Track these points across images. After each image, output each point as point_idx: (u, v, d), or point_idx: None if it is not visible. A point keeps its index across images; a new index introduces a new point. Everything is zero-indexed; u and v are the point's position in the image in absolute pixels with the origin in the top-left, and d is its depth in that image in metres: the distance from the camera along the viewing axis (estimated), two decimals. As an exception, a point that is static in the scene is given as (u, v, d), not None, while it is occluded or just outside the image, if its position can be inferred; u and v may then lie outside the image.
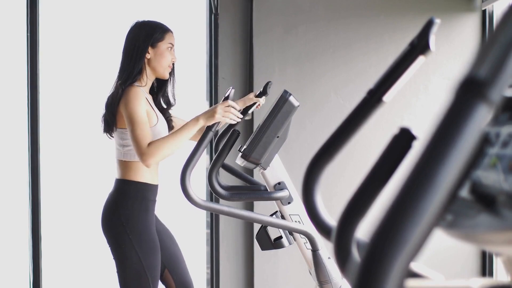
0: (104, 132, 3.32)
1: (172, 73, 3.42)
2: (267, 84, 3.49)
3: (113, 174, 3.37)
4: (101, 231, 3.28)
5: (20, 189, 4.76)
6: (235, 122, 3.15)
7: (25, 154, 4.65)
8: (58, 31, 5.07)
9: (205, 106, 5.04)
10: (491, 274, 4.66)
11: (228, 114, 3.07)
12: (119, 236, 3.18)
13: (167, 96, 3.47)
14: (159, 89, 3.46)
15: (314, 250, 3.02)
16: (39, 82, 4.62)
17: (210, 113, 3.07)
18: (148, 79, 3.33)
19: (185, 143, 3.18)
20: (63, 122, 5.13)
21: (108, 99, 3.29)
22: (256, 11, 4.81)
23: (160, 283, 3.42)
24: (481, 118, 0.58)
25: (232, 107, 3.09)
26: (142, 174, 3.23)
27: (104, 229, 3.25)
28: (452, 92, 0.62)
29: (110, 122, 3.25)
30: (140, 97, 3.17)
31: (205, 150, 4.94)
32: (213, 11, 4.91)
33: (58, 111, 5.07)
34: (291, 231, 3.11)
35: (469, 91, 0.60)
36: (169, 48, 3.32)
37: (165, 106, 3.46)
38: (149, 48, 3.28)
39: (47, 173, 4.80)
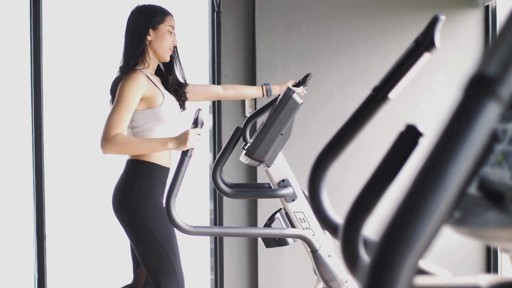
0: None
1: (176, 56, 3.47)
2: (307, 75, 3.59)
3: (116, 172, 3.38)
4: (113, 214, 3.30)
5: (25, 188, 4.76)
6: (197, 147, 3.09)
7: (29, 153, 4.65)
8: (62, 31, 5.07)
9: (207, 105, 5.03)
10: (495, 270, 4.66)
11: (199, 141, 3.03)
12: (130, 217, 3.21)
13: (177, 78, 3.51)
14: (167, 73, 3.50)
15: (313, 251, 3.02)
16: (43, 81, 4.62)
17: (182, 140, 3.02)
18: (151, 60, 3.37)
19: (141, 153, 3.20)
20: (67, 121, 5.13)
21: (113, 83, 3.35)
22: (259, 9, 4.81)
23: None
24: (491, 115, 0.58)
25: (199, 133, 3.04)
26: (152, 155, 3.26)
27: (115, 211, 3.28)
28: (461, 89, 0.62)
29: None
30: (137, 83, 3.20)
31: (208, 148, 4.94)
32: (216, 9, 4.91)
33: (61, 110, 5.07)
34: (296, 227, 3.11)
35: (479, 88, 0.60)
36: (170, 31, 3.36)
37: (177, 87, 3.50)
38: (150, 30, 3.32)
39: (51, 172, 4.81)
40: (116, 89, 3.26)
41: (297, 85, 3.66)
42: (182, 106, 3.53)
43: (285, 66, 4.78)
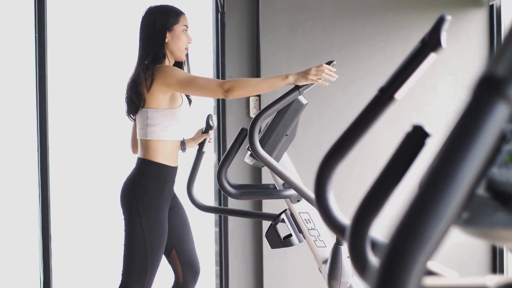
0: (127, 113, 3.41)
1: (186, 54, 3.50)
2: (208, 117, 3.60)
3: (122, 173, 3.40)
4: (119, 204, 3.37)
5: (30, 188, 4.77)
6: (327, 84, 3.07)
7: (35, 153, 4.66)
8: (66, 32, 5.08)
9: (212, 105, 5.03)
10: (501, 271, 4.65)
11: (322, 75, 3.01)
12: (131, 212, 3.28)
13: None
14: None
15: (338, 245, 2.99)
16: (48, 82, 4.62)
17: (303, 74, 3.00)
18: (169, 62, 3.42)
19: (263, 92, 3.21)
20: (72, 121, 5.14)
21: (133, 81, 3.35)
22: (263, 9, 4.81)
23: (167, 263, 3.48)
24: (500, 115, 0.58)
25: (327, 69, 3.03)
26: (162, 155, 3.31)
27: (121, 202, 3.35)
28: (471, 90, 0.61)
29: (137, 102, 3.31)
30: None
31: (214, 147, 4.94)
32: (220, 10, 4.91)
33: (66, 110, 5.08)
34: (302, 228, 3.10)
35: (488, 89, 0.59)
36: (184, 30, 3.41)
37: None
38: (166, 32, 3.34)
39: (56, 173, 4.81)
40: (135, 87, 3.29)
41: (205, 131, 3.72)
42: (190, 104, 3.57)
43: (289, 66, 4.78)
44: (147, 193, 3.27)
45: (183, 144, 3.60)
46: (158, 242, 3.29)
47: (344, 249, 3.02)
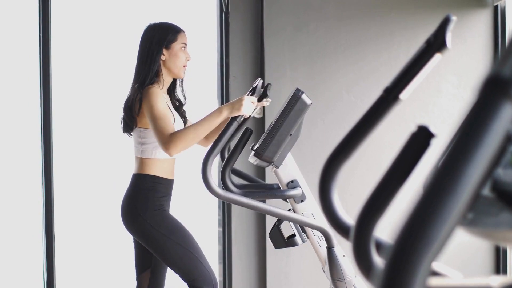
0: (124, 132, 3.43)
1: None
2: (267, 85, 3.56)
3: (126, 173, 3.41)
4: (125, 229, 3.37)
5: (34, 188, 4.78)
6: (259, 112, 3.18)
7: (38, 153, 4.67)
8: (70, 32, 5.08)
9: (216, 105, 5.04)
10: (505, 271, 4.65)
11: (252, 106, 3.11)
12: (141, 228, 3.28)
13: (177, 96, 3.57)
14: (171, 89, 3.52)
15: (329, 248, 3.02)
16: (52, 82, 4.63)
17: (237, 106, 3.09)
18: (165, 80, 3.42)
19: (206, 133, 3.23)
20: (76, 121, 5.15)
21: (126, 102, 3.38)
22: (267, 10, 4.81)
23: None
24: (506, 116, 0.58)
25: (253, 101, 3.13)
26: (157, 169, 3.33)
27: (126, 225, 3.35)
28: (476, 91, 0.61)
29: (130, 123, 3.35)
30: (160, 95, 3.27)
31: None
32: (224, 10, 4.91)
33: (70, 110, 5.08)
34: (306, 228, 3.10)
35: (493, 90, 0.59)
36: (183, 48, 3.38)
37: (177, 104, 3.55)
38: (164, 50, 3.33)
39: (60, 173, 4.82)
40: (133, 107, 3.31)
41: (259, 99, 3.68)
42: (185, 124, 3.55)
43: (293, 67, 4.78)
44: (148, 204, 3.28)
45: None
46: (184, 234, 3.30)
47: (338, 249, 3.03)
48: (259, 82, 3.16)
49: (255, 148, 2.98)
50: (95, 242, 5.32)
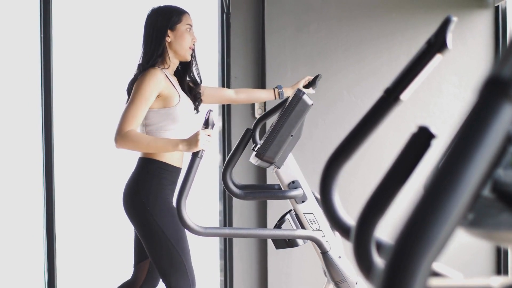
0: None
1: (193, 54, 3.49)
2: (317, 76, 3.63)
3: (127, 173, 3.39)
4: (124, 212, 3.32)
5: (35, 188, 4.78)
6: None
7: (39, 153, 4.67)
8: (72, 31, 5.08)
9: (217, 106, 5.04)
10: (506, 272, 4.65)
11: (209, 142, 3.04)
12: (140, 215, 3.24)
13: (193, 77, 3.55)
14: (184, 72, 3.53)
15: (324, 252, 3.02)
16: (53, 81, 4.63)
17: (193, 141, 3.02)
18: (171, 62, 3.39)
19: (151, 151, 3.22)
20: (77, 121, 5.15)
21: (129, 83, 3.38)
22: (268, 10, 4.81)
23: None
24: (506, 117, 0.58)
25: (209, 134, 3.05)
26: (164, 154, 3.28)
27: (125, 208, 3.31)
28: (477, 91, 0.61)
29: None
30: (154, 79, 3.23)
31: (218, 150, 4.95)
32: (225, 10, 4.92)
33: (71, 109, 5.09)
34: (307, 228, 3.11)
35: (494, 91, 0.60)
36: (188, 29, 3.38)
37: (193, 86, 3.54)
38: (169, 31, 3.34)
39: (61, 173, 4.82)
40: (132, 86, 3.29)
41: (307, 86, 3.70)
42: (197, 108, 3.55)
43: (294, 67, 4.78)
44: (151, 191, 3.23)
45: (281, 93, 3.69)
46: (180, 232, 3.24)
47: (333, 252, 3.02)
48: (209, 113, 3.09)
49: (256, 149, 2.98)
50: (96, 243, 5.32)
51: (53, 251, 4.68)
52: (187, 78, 3.53)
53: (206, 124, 3.02)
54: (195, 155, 2.92)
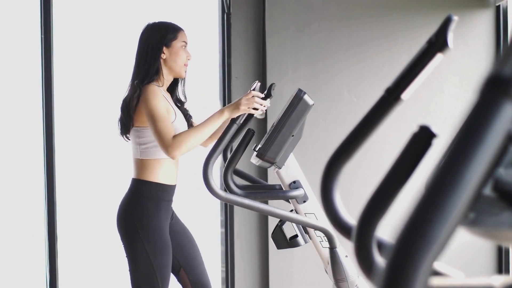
0: (121, 134, 3.37)
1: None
2: (272, 85, 3.57)
3: (129, 174, 3.39)
4: (116, 229, 3.32)
5: (36, 189, 4.78)
6: (261, 112, 3.16)
7: (41, 154, 4.67)
8: (72, 32, 5.09)
9: (218, 106, 5.04)
10: (507, 271, 4.64)
11: (252, 105, 3.10)
12: (130, 235, 3.24)
13: (178, 95, 3.52)
14: (172, 88, 3.51)
15: (332, 248, 3.02)
16: (53, 82, 4.63)
17: (235, 106, 3.11)
18: (165, 79, 3.38)
19: (209, 135, 3.22)
20: (78, 122, 5.15)
21: (124, 101, 3.32)
22: (269, 10, 4.81)
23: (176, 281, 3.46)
24: (507, 115, 0.58)
25: (256, 96, 3.12)
26: (158, 174, 3.27)
27: (118, 227, 3.31)
28: (477, 90, 0.61)
29: (127, 123, 3.29)
30: (159, 94, 3.23)
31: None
32: (226, 11, 4.92)
33: (72, 110, 5.09)
34: (308, 228, 3.11)
35: (494, 90, 0.60)
36: (183, 47, 3.36)
37: (179, 104, 3.52)
38: (164, 48, 3.31)
39: (62, 174, 4.82)
40: (130, 105, 3.26)
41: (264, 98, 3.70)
42: (189, 123, 3.52)
43: (295, 67, 4.78)
44: (144, 215, 3.21)
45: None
46: (164, 261, 3.24)
47: (340, 250, 3.03)
48: (256, 84, 3.15)
49: (257, 149, 2.98)
50: (97, 243, 5.32)
51: (54, 252, 4.68)
52: (174, 96, 3.51)
53: (267, 94, 3.09)
54: (233, 120, 3.04)
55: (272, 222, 4.71)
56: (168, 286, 3.30)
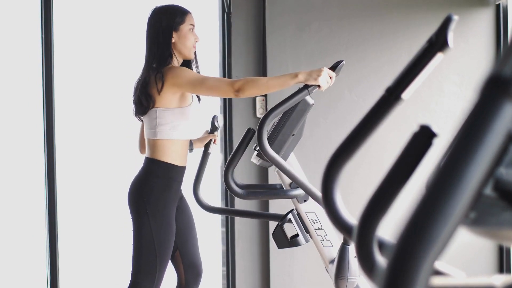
0: (135, 114, 3.43)
1: (194, 52, 3.51)
2: (213, 118, 3.63)
3: (129, 173, 3.41)
4: (127, 204, 3.39)
5: (37, 189, 4.78)
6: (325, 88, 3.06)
7: (41, 154, 4.67)
8: (73, 32, 5.09)
9: (218, 105, 5.04)
10: (508, 270, 4.64)
11: (328, 82, 2.99)
12: (138, 211, 3.30)
13: None
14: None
15: (344, 244, 2.99)
16: (54, 82, 4.63)
17: (315, 74, 2.96)
18: (177, 61, 3.43)
19: (272, 90, 3.14)
20: (79, 121, 5.15)
21: (140, 83, 3.36)
22: (269, 9, 4.81)
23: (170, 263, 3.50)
24: (507, 115, 0.58)
25: (329, 74, 3.00)
26: (171, 155, 3.33)
27: (128, 202, 3.37)
28: (478, 90, 0.62)
29: (146, 104, 3.32)
30: (182, 67, 3.33)
31: (220, 147, 4.94)
32: (226, 10, 4.92)
33: (73, 109, 5.09)
34: (309, 228, 3.10)
35: (495, 89, 0.60)
36: (191, 29, 3.41)
37: None
38: (173, 32, 3.35)
39: (63, 173, 4.82)
40: (144, 89, 3.31)
41: (211, 131, 3.78)
42: (199, 101, 3.58)
43: (295, 66, 4.78)
44: (154, 192, 3.28)
45: (190, 145, 3.60)
46: (167, 241, 3.31)
47: (352, 249, 3.02)
48: (342, 64, 3.06)
49: (258, 149, 2.98)
50: (98, 243, 5.32)
51: (55, 251, 4.68)
52: None
53: (334, 67, 3.00)
54: (305, 87, 2.92)
55: (273, 222, 4.71)
56: (166, 267, 3.36)
